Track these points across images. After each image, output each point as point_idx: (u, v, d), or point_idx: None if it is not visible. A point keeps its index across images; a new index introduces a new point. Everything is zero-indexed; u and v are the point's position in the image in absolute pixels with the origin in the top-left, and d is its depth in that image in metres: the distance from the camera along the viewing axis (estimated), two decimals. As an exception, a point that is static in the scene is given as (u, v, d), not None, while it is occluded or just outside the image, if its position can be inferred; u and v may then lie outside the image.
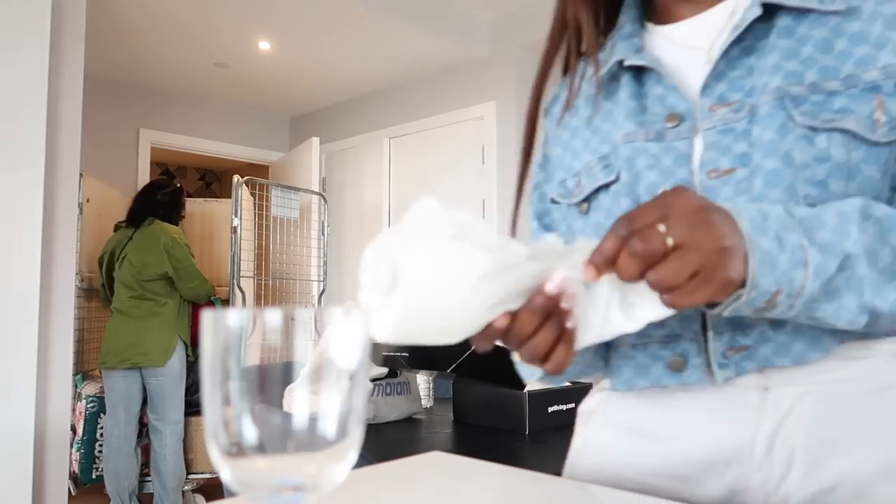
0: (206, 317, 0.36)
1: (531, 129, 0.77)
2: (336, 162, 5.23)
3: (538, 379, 0.70)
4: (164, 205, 3.50)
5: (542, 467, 0.74)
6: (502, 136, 4.02)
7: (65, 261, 2.60)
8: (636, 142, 0.66)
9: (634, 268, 0.47)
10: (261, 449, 0.36)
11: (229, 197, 4.08)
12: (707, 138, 0.62)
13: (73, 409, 3.47)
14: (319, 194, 4.50)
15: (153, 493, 3.36)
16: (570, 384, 1.78)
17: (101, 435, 3.48)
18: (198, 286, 3.40)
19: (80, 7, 2.67)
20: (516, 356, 0.57)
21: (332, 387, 0.37)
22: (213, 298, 3.55)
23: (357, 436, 0.38)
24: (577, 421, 0.79)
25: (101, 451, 3.47)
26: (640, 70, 0.69)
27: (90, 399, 3.48)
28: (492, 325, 0.51)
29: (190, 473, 3.49)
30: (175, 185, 3.67)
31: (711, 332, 0.61)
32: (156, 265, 3.29)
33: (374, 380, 1.93)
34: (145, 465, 3.41)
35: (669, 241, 0.47)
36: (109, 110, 4.71)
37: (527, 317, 0.51)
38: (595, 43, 0.73)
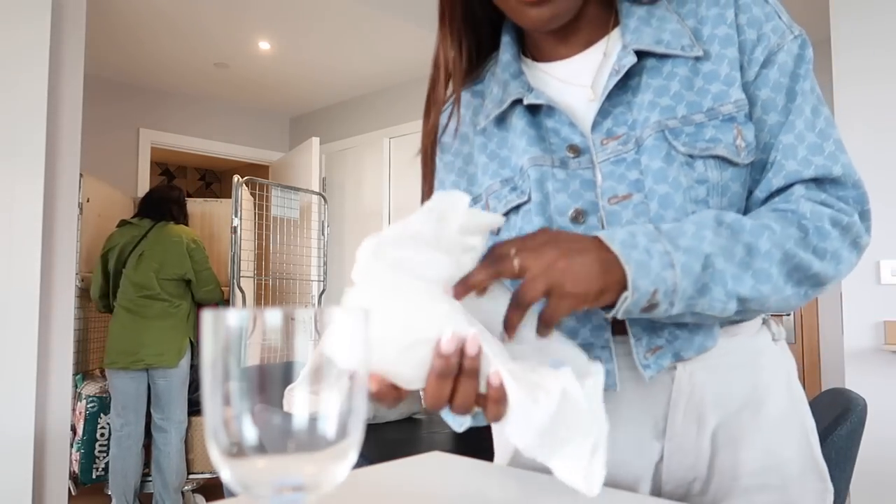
0: (206, 317, 0.36)
1: (430, 166, 0.83)
2: (336, 162, 5.23)
3: (469, 426, 0.71)
4: (178, 203, 3.54)
5: (543, 466, 0.74)
6: (502, 136, 4.01)
7: (65, 261, 2.60)
8: (544, 166, 0.73)
9: (483, 279, 0.55)
10: (261, 449, 0.36)
11: (229, 197, 4.08)
12: (603, 169, 0.71)
13: (73, 409, 3.47)
14: (319, 194, 4.50)
15: (153, 493, 3.35)
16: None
17: (102, 435, 3.48)
18: (213, 290, 3.44)
19: (80, 7, 2.67)
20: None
21: (332, 387, 0.37)
22: (219, 302, 3.56)
23: (357, 436, 0.38)
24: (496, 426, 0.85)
25: (101, 451, 3.47)
26: (534, 105, 0.76)
27: (90, 399, 3.47)
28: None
29: (190, 473, 3.49)
30: (177, 188, 3.73)
31: (632, 338, 0.71)
32: (176, 266, 3.31)
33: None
34: (146, 464, 3.41)
35: (516, 262, 0.56)
36: (109, 110, 4.71)
37: (437, 383, 0.52)
38: (462, 84, 0.82)
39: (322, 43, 4.12)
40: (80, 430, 3.45)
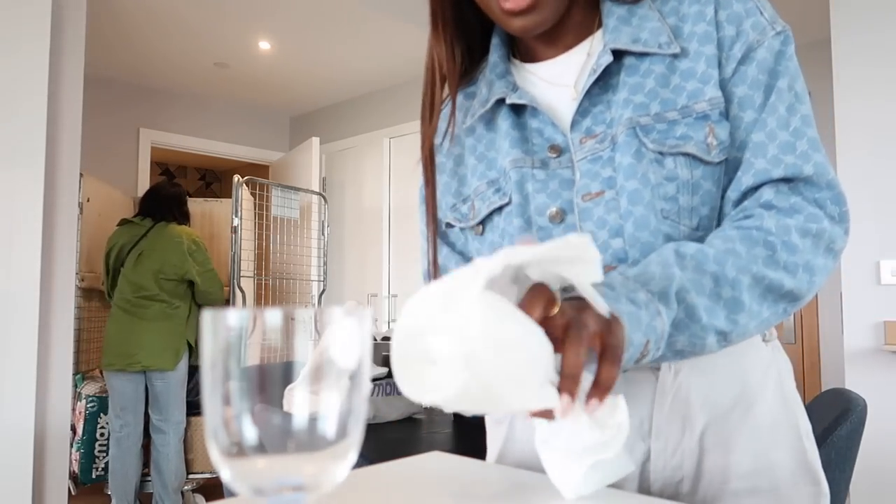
0: (206, 317, 0.36)
1: (432, 170, 0.83)
2: (336, 162, 5.23)
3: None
4: (178, 201, 3.50)
5: (539, 465, 0.74)
6: (502, 136, 4.01)
7: (65, 261, 2.60)
8: (524, 168, 0.74)
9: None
10: (261, 449, 0.36)
11: (229, 197, 4.08)
12: (581, 167, 0.72)
13: (73, 409, 3.47)
14: (319, 194, 4.50)
15: (153, 493, 3.35)
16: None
17: (102, 435, 3.48)
18: (216, 292, 3.40)
19: (80, 7, 2.67)
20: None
21: (332, 387, 0.37)
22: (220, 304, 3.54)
23: (357, 436, 0.38)
24: (490, 421, 0.87)
25: (101, 451, 3.47)
26: (518, 105, 0.77)
27: (90, 399, 3.47)
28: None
29: (190, 473, 3.49)
30: (179, 185, 3.69)
31: None
32: (177, 267, 3.27)
33: (374, 380, 1.93)
34: (145, 464, 3.40)
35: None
36: (109, 110, 4.71)
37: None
38: (456, 87, 0.82)
39: (322, 43, 4.12)
40: (79, 430, 3.45)
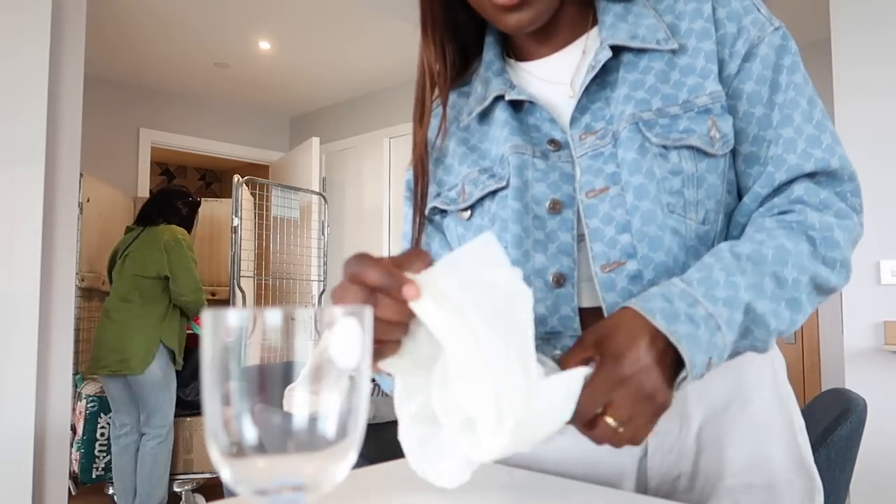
0: (206, 317, 0.36)
1: (425, 170, 0.82)
2: (336, 162, 5.23)
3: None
4: (181, 214, 3.42)
5: (538, 465, 0.74)
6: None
7: (65, 261, 2.60)
8: (525, 154, 0.74)
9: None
10: (261, 449, 0.36)
11: (229, 197, 4.08)
12: (582, 163, 0.72)
13: (73, 409, 3.47)
14: (319, 194, 4.50)
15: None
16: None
17: (102, 435, 3.48)
18: (188, 294, 3.21)
19: (80, 7, 2.67)
20: None
21: (332, 387, 0.37)
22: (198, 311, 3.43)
23: (357, 436, 0.38)
24: None
25: (101, 451, 3.47)
26: (516, 102, 0.77)
27: (90, 399, 3.47)
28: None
29: (190, 473, 3.48)
30: (195, 198, 3.58)
31: None
32: (152, 264, 3.17)
33: (374, 380, 1.93)
34: (145, 464, 3.41)
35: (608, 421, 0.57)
36: (109, 110, 4.71)
37: None
38: (447, 89, 0.83)
39: (322, 43, 4.12)
40: (79, 430, 3.45)
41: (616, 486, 0.72)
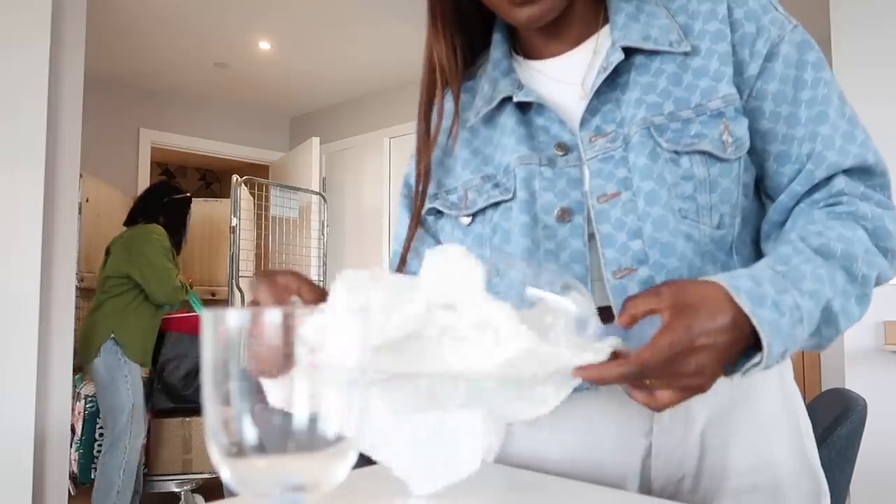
0: (206, 317, 0.36)
1: (427, 166, 0.81)
2: (336, 162, 5.22)
3: None
4: (167, 212, 3.26)
5: (537, 464, 0.74)
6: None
7: (65, 261, 2.60)
8: (532, 164, 0.72)
9: (605, 379, 0.56)
10: (261, 449, 0.36)
11: (229, 197, 4.08)
12: (591, 166, 0.70)
13: (73, 409, 3.46)
14: (319, 194, 4.50)
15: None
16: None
17: (101, 435, 3.48)
18: (161, 298, 3.08)
19: (80, 7, 2.67)
20: None
21: (332, 387, 0.37)
22: (194, 300, 3.34)
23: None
24: None
25: (100, 451, 3.47)
26: (524, 103, 0.76)
27: (90, 399, 3.47)
28: None
29: (190, 473, 3.48)
30: (187, 194, 3.42)
31: None
32: (124, 264, 3.06)
33: (374, 380, 1.93)
34: (145, 464, 3.40)
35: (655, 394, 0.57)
36: (110, 110, 4.71)
37: None
38: (458, 83, 0.81)
39: (322, 43, 4.11)
40: (79, 430, 3.44)
41: (619, 487, 0.72)
